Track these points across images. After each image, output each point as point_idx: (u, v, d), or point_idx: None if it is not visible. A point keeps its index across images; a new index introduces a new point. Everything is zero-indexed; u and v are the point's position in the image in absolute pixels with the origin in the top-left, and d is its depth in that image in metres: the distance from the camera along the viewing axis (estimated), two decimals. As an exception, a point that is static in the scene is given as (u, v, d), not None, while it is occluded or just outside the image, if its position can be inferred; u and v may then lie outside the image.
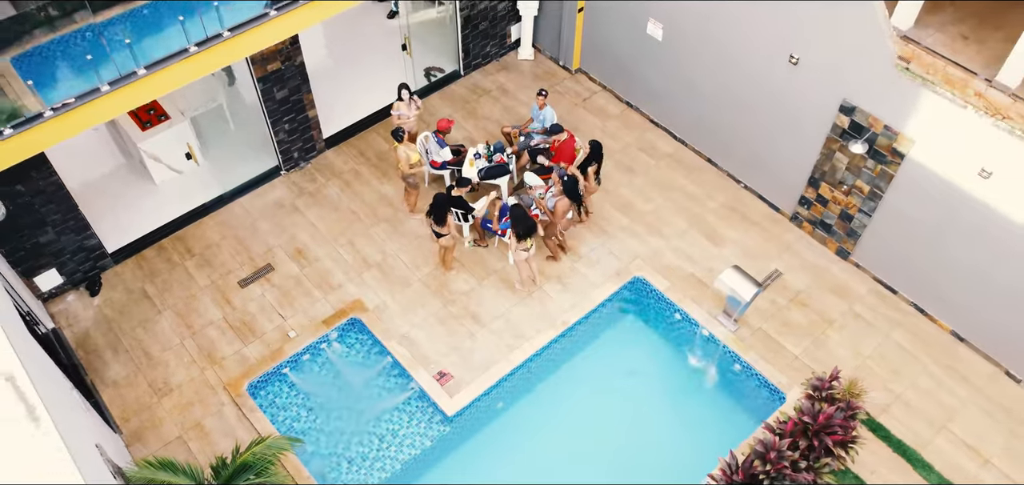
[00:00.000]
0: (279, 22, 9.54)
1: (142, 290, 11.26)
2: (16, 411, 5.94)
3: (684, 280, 11.40)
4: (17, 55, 8.22)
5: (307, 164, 12.79)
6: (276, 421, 9.97)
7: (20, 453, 5.74)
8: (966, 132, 9.35)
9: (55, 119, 8.34)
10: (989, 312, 10.24)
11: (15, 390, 6.06)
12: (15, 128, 8.13)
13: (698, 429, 10.05)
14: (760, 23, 10.75)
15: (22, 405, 5.98)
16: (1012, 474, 9.66)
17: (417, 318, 10.98)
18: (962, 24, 14.91)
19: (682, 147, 13.14)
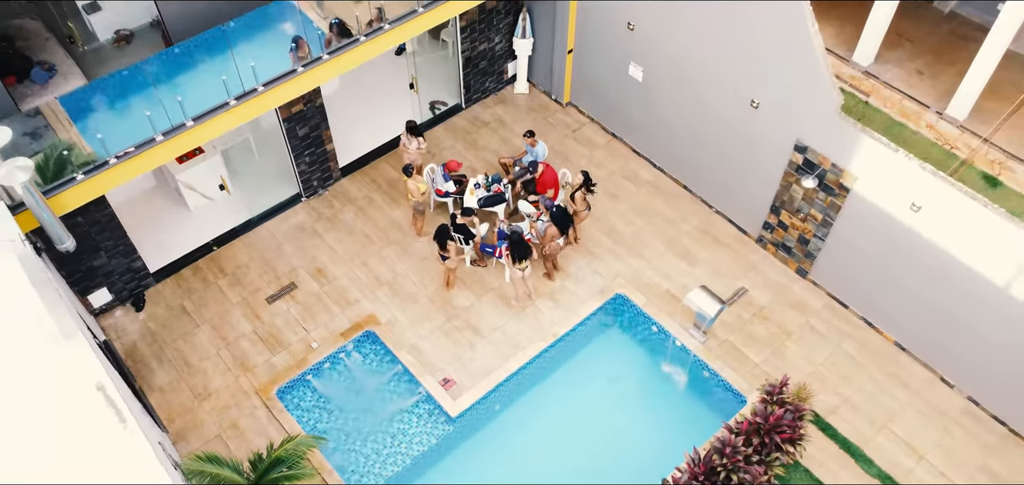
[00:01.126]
0: (305, 77, 11.02)
1: (181, 306, 12.74)
2: (108, 415, 7.40)
3: (660, 297, 12.87)
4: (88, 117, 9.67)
5: (325, 191, 14.27)
6: (302, 422, 11.44)
7: (114, 451, 7.19)
8: (898, 172, 10.77)
9: (118, 165, 9.81)
10: (926, 326, 11.71)
11: (106, 397, 7.52)
12: (86, 174, 9.60)
13: (670, 428, 11.49)
14: (726, 71, 12.21)
15: (112, 410, 7.44)
16: (943, 468, 11.12)
17: (424, 331, 12.44)
18: (918, 60, 16.45)
19: (661, 175, 14.61)
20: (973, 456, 11.23)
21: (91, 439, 7.28)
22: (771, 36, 11.23)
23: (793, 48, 11.01)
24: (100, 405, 7.51)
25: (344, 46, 11.35)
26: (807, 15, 10.65)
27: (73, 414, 7.43)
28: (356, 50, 11.43)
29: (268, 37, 11.95)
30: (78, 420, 7.39)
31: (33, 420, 7.33)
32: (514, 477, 10.79)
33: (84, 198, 9.80)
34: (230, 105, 10.45)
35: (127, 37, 11.57)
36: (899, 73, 16.29)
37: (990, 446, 11.34)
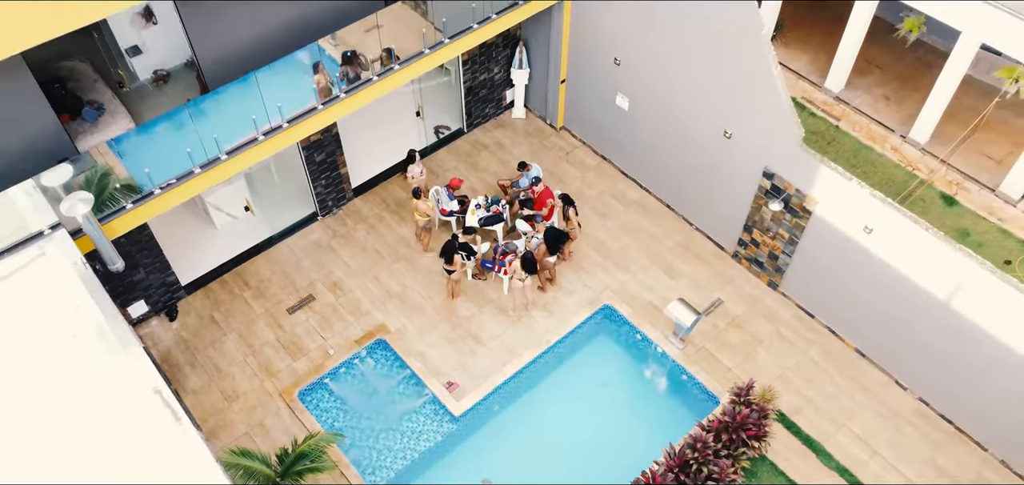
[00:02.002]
0: (324, 114, 12.36)
1: (210, 316, 14.08)
2: (165, 415, 8.74)
3: (644, 307, 14.19)
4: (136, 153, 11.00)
5: (339, 210, 15.60)
6: (321, 420, 12.77)
7: (171, 446, 8.52)
8: (852, 198, 12.06)
9: (161, 195, 11.16)
10: (882, 334, 13.03)
11: (162, 399, 8.85)
12: (135, 203, 10.95)
13: (650, 426, 12.79)
14: (702, 104, 13.54)
15: (168, 411, 8.78)
16: (895, 463, 12.42)
17: (430, 339, 13.77)
18: (886, 86, 17.83)
19: (647, 194, 15.94)
20: (922, 451, 12.54)
21: (151, 436, 8.60)
22: (740, 75, 12.54)
23: (759, 87, 12.31)
24: (157, 406, 8.84)
25: (358, 85, 12.68)
26: (771, 59, 11.95)
27: (135, 415, 8.75)
28: (370, 88, 12.76)
29: (290, 69, 13.22)
30: (139, 420, 8.72)
31: (102, 420, 8.66)
32: (512, 470, 12.12)
33: (132, 224, 11.15)
34: (259, 140, 11.79)
35: (164, 77, 12.91)
36: (867, 98, 17.64)
37: (938, 442, 12.65)
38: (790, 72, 18.17)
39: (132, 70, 12.66)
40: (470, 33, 13.59)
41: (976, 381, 11.94)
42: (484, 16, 13.76)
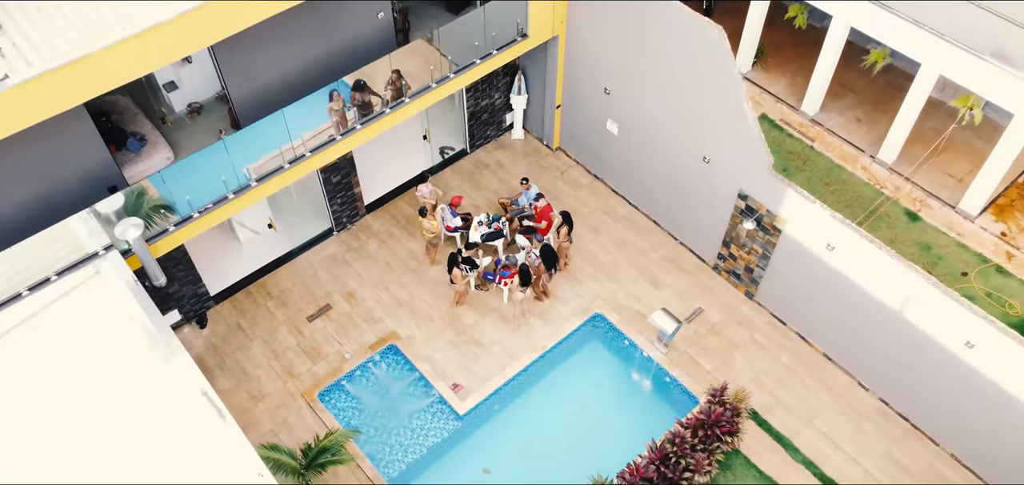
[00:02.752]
0: (342, 144, 13.78)
1: (237, 324, 15.49)
2: (211, 413, 10.14)
3: (632, 315, 15.58)
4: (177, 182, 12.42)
5: (352, 226, 17.00)
6: (339, 419, 14.17)
7: (217, 442, 9.91)
8: (816, 218, 13.44)
9: (200, 218, 12.57)
10: (846, 340, 14.42)
11: (209, 400, 10.25)
12: (177, 226, 12.36)
13: (636, 423, 14.16)
14: (683, 132, 14.93)
15: (214, 409, 10.18)
16: (856, 456, 13.80)
17: (437, 344, 15.17)
18: (858, 109, 19.18)
19: (635, 211, 17.33)
20: (881, 446, 13.93)
21: (201, 431, 10.01)
22: (716, 109, 13.94)
23: (733, 120, 13.70)
24: (205, 406, 10.24)
25: (373, 117, 14.08)
26: (742, 95, 13.33)
27: (185, 414, 10.16)
28: (383, 120, 14.16)
29: (311, 100, 14.61)
30: (190, 418, 10.12)
31: (157, 419, 10.07)
32: (511, 463, 13.53)
33: (173, 245, 12.56)
34: (284, 168, 13.20)
35: (198, 109, 14.27)
36: (841, 120, 19.00)
37: (895, 438, 14.04)
38: (769, 95, 19.53)
39: (169, 103, 14.04)
40: (473, 68, 15.00)
41: (927, 383, 13.32)
42: (486, 52, 15.16)
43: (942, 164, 17.77)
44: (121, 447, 9.78)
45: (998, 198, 17.32)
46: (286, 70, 13.11)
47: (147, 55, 10.44)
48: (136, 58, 10.33)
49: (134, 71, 10.46)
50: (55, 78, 9.73)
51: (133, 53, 10.22)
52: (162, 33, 10.29)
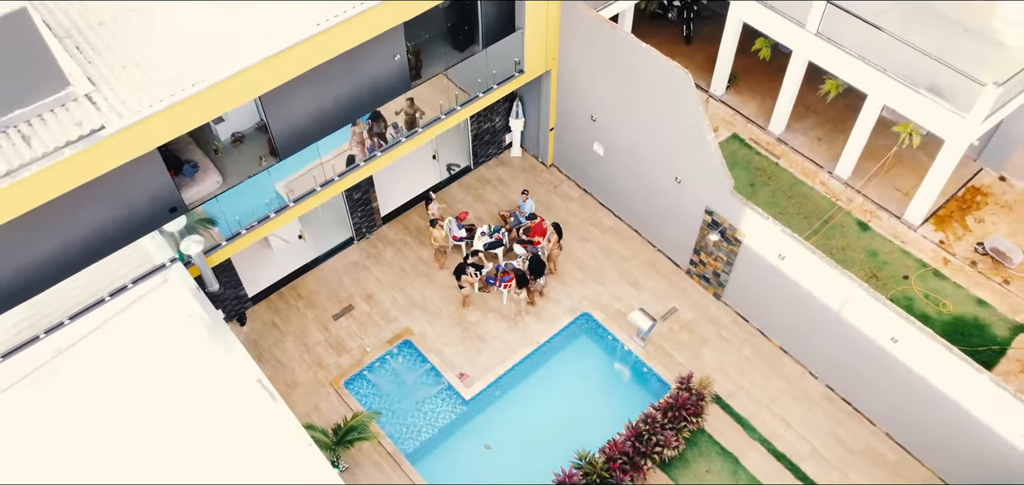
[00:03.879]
0: (365, 169, 16.10)
1: (272, 322, 17.85)
2: (264, 397, 12.47)
3: (615, 314, 17.91)
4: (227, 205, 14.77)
5: (371, 236, 19.34)
6: (363, 403, 16.52)
7: (271, 420, 12.23)
8: (769, 232, 15.74)
9: (248, 233, 14.92)
10: (798, 336, 16.73)
11: (262, 386, 12.59)
12: (228, 240, 14.71)
13: (616, 407, 16.47)
14: (659, 155, 17.22)
15: (267, 393, 12.51)
16: (805, 435, 16.09)
17: (446, 339, 17.51)
18: (819, 129, 21.53)
19: (619, 222, 19.65)
20: (826, 426, 16.24)
21: (257, 411, 12.34)
22: (685, 137, 16.23)
23: (699, 147, 16.00)
24: (259, 391, 12.59)
25: (391, 146, 16.41)
26: (706, 128, 15.62)
27: (244, 397, 12.49)
28: (400, 147, 16.50)
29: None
30: (247, 400, 12.46)
31: (221, 401, 12.40)
32: (510, 439, 15.89)
33: (226, 256, 14.91)
34: (317, 191, 15.55)
35: (240, 138, 16.56)
36: (804, 139, 21.34)
37: (839, 419, 16.36)
38: (741, 116, 21.87)
39: (216, 134, 16.34)
40: (477, 101, 17.33)
41: (863, 372, 15.62)
42: (488, 86, 17.48)
43: (891, 179, 20.12)
44: (191, 424, 12.09)
45: (939, 210, 19.70)
46: (317, 105, 15.37)
47: (212, 105, 12.77)
48: (203, 108, 12.66)
49: (201, 118, 12.80)
50: (140, 128, 12.06)
51: (201, 105, 12.55)
52: (225, 88, 12.62)
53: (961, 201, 19.79)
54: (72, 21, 13.34)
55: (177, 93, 12.35)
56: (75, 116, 12.02)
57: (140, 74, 12.64)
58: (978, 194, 19.91)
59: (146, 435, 11.92)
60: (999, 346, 17.02)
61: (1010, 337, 17.14)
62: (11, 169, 11.39)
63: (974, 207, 19.62)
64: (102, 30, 13.23)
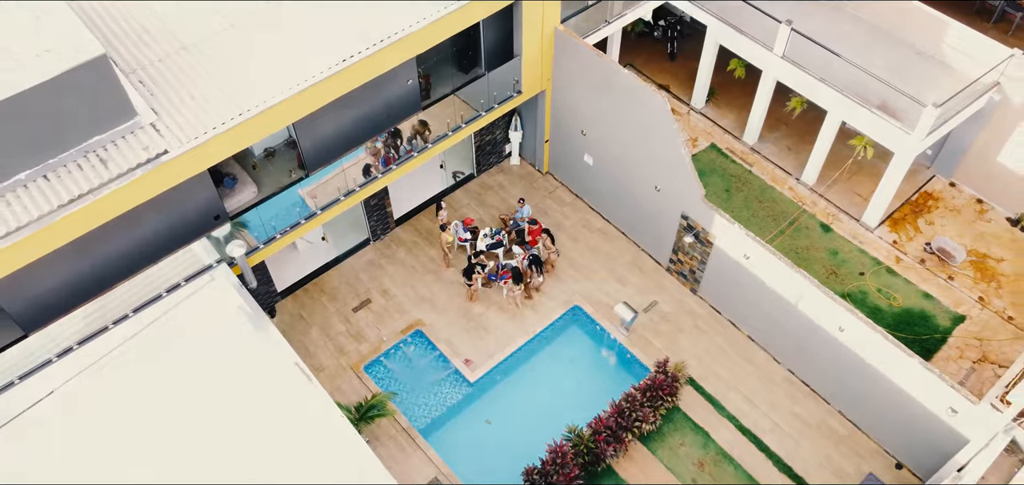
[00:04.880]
0: (383, 180, 18.39)
1: (299, 314, 20.16)
2: (301, 378, 14.76)
3: (602, 307, 20.19)
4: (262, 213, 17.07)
5: (385, 237, 21.63)
6: (380, 385, 18.82)
7: (307, 400, 14.51)
8: (735, 235, 17.99)
9: (281, 238, 17.22)
10: (763, 326, 18.99)
11: (299, 368, 14.88)
12: (265, 243, 17.02)
13: (603, 388, 18.72)
14: (641, 166, 19.46)
15: (303, 374, 14.81)
16: (767, 412, 18.38)
17: (453, 329, 19.80)
18: (789, 139, 23.76)
19: (607, 224, 21.92)
20: (787, 405, 18.51)
21: (294, 390, 14.63)
22: (662, 152, 18.47)
23: (674, 162, 18.24)
24: (297, 372, 14.89)
25: (404, 159, 18.69)
26: (680, 144, 17.85)
27: (284, 377, 14.78)
28: (412, 161, 18.79)
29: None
30: (286, 380, 14.75)
31: (265, 381, 14.69)
32: (509, 416, 18.21)
33: (263, 257, 17.21)
34: (340, 200, 17.85)
35: (272, 153, 18.81)
36: (775, 149, 23.58)
37: (797, 399, 18.64)
38: (718, 128, 24.11)
39: (251, 150, 18.62)
40: (480, 119, 19.62)
41: (818, 357, 17.89)
42: (490, 105, 19.75)
43: (852, 185, 22.37)
44: (240, 401, 14.38)
45: (894, 213, 21.98)
46: (340, 123, 17.59)
47: (257, 130, 15.06)
48: (249, 133, 14.94)
49: (247, 142, 15.09)
50: (196, 152, 14.35)
51: (248, 131, 14.84)
52: (267, 115, 14.91)
53: (914, 205, 22.03)
54: (136, 59, 15.61)
55: (227, 121, 14.64)
56: (143, 142, 14.32)
57: (195, 105, 14.92)
58: (930, 199, 22.15)
59: (201, 410, 14.21)
60: (941, 335, 19.29)
61: (951, 327, 19.41)
62: (92, 188, 13.70)
63: (926, 210, 21.86)
64: (161, 66, 15.51)
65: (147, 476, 13.18)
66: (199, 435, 13.81)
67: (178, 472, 13.22)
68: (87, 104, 13.71)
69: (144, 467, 13.28)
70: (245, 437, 13.83)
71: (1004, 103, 19.92)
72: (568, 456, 16.69)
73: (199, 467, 13.27)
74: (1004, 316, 19.55)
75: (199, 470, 13.21)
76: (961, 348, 19.02)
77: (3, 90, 12.85)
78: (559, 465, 16.57)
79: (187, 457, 13.44)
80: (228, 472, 13.14)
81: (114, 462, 13.39)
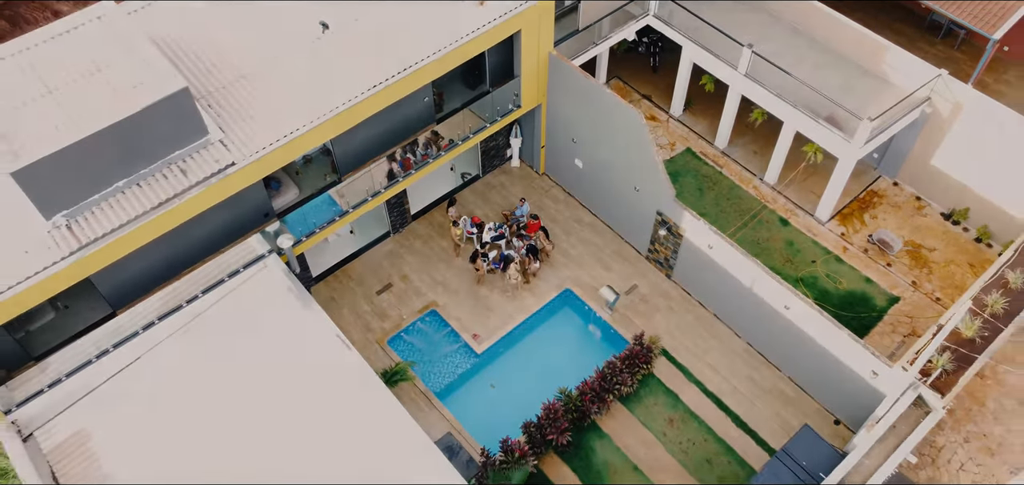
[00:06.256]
0: (404, 183, 21.81)
1: (330, 297, 23.58)
2: (341, 346, 18.17)
3: (590, 290, 23.59)
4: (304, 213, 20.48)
5: (403, 230, 25.04)
6: (401, 356, 22.23)
7: (348, 367, 17.90)
8: (700, 229, 21.35)
9: (320, 233, 20.66)
10: (727, 306, 22.39)
11: (339, 339, 18.30)
12: (307, 236, 20.46)
13: (589, 358, 22.09)
14: (622, 171, 22.82)
15: (343, 344, 18.22)
16: (727, 377, 21.78)
17: (462, 309, 23.21)
18: (756, 144, 27.12)
19: (595, 219, 25.31)
20: (745, 372, 21.93)
21: (335, 356, 18.05)
22: (639, 159, 21.83)
23: (649, 168, 21.60)
24: (338, 342, 18.31)
25: (422, 165, 22.10)
26: (654, 152, 21.20)
27: (327, 346, 18.19)
28: (430, 166, 22.20)
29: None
30: (329, 349, 18.16)
31: (311, 350, 18.10)
32: (510, 381, 21.67)
33: (306, 248, 20.65)
34: (368, 200, 21.27)
35: (309, 159, 22.20)
36: (743, 152, 26.91)
37: (754, 367, 22.05)
38: (694, 134, 27.45)
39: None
40: (485, 129, 23.00)
41: (770, 332, 21.28)
42: (493, 118, 23.14)
43: (809, 185, 25.72)
44: (291, 366, 17.77)
45: (843, 209, 25.32)
46: (369, 134, 20.97)
47: (304, 144, 18.47)
48: (299, 147, 18.36)
49: (296, 154, 18.50)
50: (257, 163, 17.76)
51: (297, 145, 18.25)
52: (313, 132, 18.32)
53: (862, 202, 25.38)
54: (204, 86, 18.98)
55: (280, 138, 18.04)
56: (214, 155, 17.72)
57: (253, 124, 18.32)
58: (876, 196, 25.49)
59: (260, 372, 17.63)
60: (878, 313, 22.68)
61: (887, 306, 22.79)
62: (176, 193, 17.12)
63: (872, 206, 25.21)
64: (225, 92, 18.89)
65: (219, 419, 16.62)
66: (260, 391, 17.22)
67: (244, 419, 16.66)
68: (171, 126, 17.09)
69: (216, 413, 16.71)
70: (299, 394, 17.23)
71: (935, 115, 23.23)
72: (560, 413, 20.13)
73: (261, 415, 16.70)
74: (932, 297, 22.92)
75: (261, 418, 16.65)
76: (894, 324, 22.41)
77: (108, 118, 16.22)
78: (552, 420, 20.01)
79: (251, 407, 16.88)
80: (287, 422, 16.58)
81: (191, 410, 16.83)
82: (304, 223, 20.84)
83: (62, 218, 16.50)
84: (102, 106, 16.43)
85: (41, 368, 17.40)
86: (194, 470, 15.99)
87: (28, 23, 35.39)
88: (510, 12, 20.83)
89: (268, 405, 16.98)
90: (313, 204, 20.83)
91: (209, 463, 16.08)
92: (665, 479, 19.96)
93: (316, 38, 20.16)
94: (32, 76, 17.05)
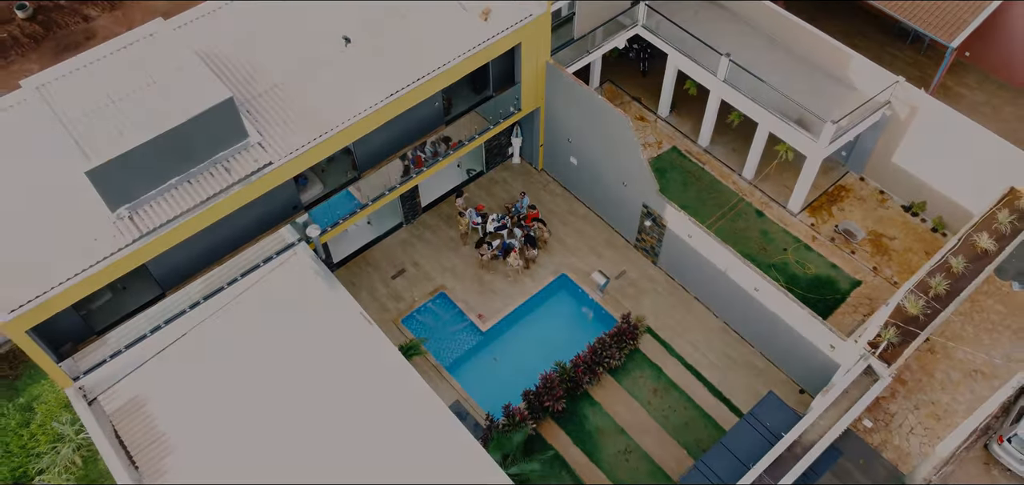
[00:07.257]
0: (416, 180, 24.41)
1: (350, 281, 26.18)
2: (364, 323, 20.78)
3: (583, 275, 26.19)
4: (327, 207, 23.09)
5: (415, 221, 27.64)
6: (415, 333, 24.84)
7: (371, 341, 20.49)
8: (680, 220, 23.91)
9: (343, 223, 23.28)
10: (706, 288, 24.98)
11: (363, 317, 20.91)
12: (331, 227, 23.06)
13: (581, 335, 24.63)
14: (611, 167, 25.38)
15: (366, 321, 20.83)
16: (705, 353, 24.35)
17: (468, 291, 25.81)
18: (736, 142, 29.69)
19: (589, 211, 27.90)
20: (721, 348, 24.54)
21: (359, 331, 20.66)
22: (627, 157, 24.39)
23: (635, 165, 24.17)
24: (361, 320, 20.93)
25: (432, 162, 24.68)
26: (640, 151, 23.77)
27: (352, 323, 20.81)
28: (439, 163, 24.80)
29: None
30: (354, 325, 20.77)
31: (337, 326, 20.71)
32: (511, 356, 24.31)
33: (330, 237, 23.27)
34: (385, 195, 23.88)
35: (332, 158, 24.75)
36: (724, 149, 29.48)
37: (730, 343, 24.67)
38: (679, 133, 30.01)
39: (316, 156, 24.58)
40: (489, 130, 25.59)
41: (744, 311, 23.88)
42: (496, 120, 25.72)
43: (783, 180, 28.29)
44: (320, 340, 20.37)
45: (814, 202, 27.89)
46: (385, 136, 23.53)
47: (332, 146, 21.05)
48: (327, 148, 20.95)
49: (324, 154, 21.09)
50: (291, 163, 20.36)
51: (326, 146, 20.85)
52: (339, 135, 20.90)
53: (831, 195, 27.94)
54: (243, 93, 21.54)
55: (311, 140, 20.63)
56: (253, 156, 20.31)
57: (287, 128, 20.90)
58: (843, 190, 28.06)
59: (293, 346, 20.25)
60: (842, 296, 25.27)
61: (849, 289, 25.39)
62: (222, 189, 19.71)
63: (839, 200, 27.78)
64: (261, 100, 21.45)
65: (259, 386, 19.28)
66: (294, 361, 19.87)
67: (281, 384, 19.32)
68: (217, 131, 19.65)
69: (255, 381, 19.38)
70: (329, 366, 19.88)
71: (894, 117, 25.77)
72: (556, 383, 22.78)
73: (296, 382, 19.36)
74: (891, 281, 25.52)
75: (296, 384, 19.31)
76: (856, 305, 25.01)
77: (164, 124, 18.76)
78: (549, 389, 22.66)
79: (287, 375, 19.54)
80: (320, 389, 19.23)
81: (233, 379, 19.50)
82: (328, 215, 23.43)
83: (125, 210, 19.09)
84: (158, 114, 18.99)
85: (103, 341, 20.08)
86: (238, 429, 18.69)
87: (60, 27, 38.03)
88: (512, 27, 23.37)
89: (302, 374, 19.63)
90: (336, 198, 23.43)
91: (251, 423, 18.77)
92: (649, 440, 22.62)
93: (339, 51, 22.71)
94: (96, 88, 19.60)
